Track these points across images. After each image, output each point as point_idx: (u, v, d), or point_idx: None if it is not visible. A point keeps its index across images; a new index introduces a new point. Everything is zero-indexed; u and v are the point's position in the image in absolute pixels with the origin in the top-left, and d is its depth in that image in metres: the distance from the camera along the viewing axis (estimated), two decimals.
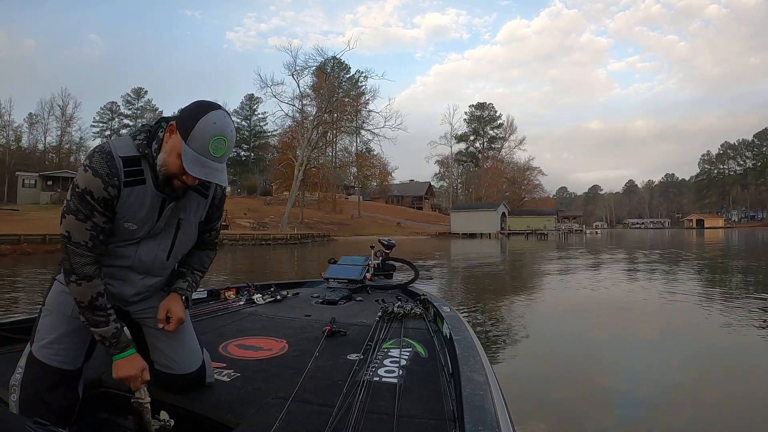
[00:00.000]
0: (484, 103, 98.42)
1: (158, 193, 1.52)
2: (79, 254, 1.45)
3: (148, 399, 1.49)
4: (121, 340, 1.50)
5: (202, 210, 1.68)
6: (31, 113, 67.36)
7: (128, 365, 1.49)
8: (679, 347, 5.07)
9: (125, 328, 1.94)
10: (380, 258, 4.37)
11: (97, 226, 1.45)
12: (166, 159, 1.45)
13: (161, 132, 1.50)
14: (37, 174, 46.77)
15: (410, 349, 2.10)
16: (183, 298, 1.68)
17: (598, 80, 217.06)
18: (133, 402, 1.48)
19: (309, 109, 52.13)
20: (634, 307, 7.74)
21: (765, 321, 6.10)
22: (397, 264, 4.46)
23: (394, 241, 4.62)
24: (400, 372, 1.80)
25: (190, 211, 1.64)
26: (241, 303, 3.27)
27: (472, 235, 54.09)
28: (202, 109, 1.43)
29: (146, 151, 1.48)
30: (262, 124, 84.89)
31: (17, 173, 46.85)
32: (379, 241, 4.54)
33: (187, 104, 1.50)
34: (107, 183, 1.42)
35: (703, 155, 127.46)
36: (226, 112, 1.47)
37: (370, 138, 61.25)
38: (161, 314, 1.62)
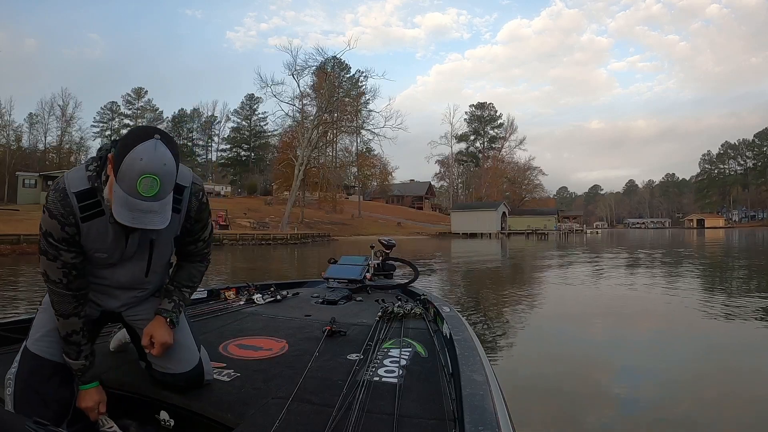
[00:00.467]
0: (484, 102, 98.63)
1: None
2: (57, 293, 1.48)
3: (111, 424, 1.53)
4: (86, 375, 1.53)
5: (176, 225, 1.59)
6: (31, 113, 67.77)
7: (86, 397, 1.52)
8: (682, 346, 5.07)
9: (123, 330, 1.95)
10: (380, 258, 4.37)
11: (67, 264, 1.46)
12: (108, 194, 1.37)
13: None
14: (38, 174, 46.75)
15: (410, 349, 2.09)
16: (167, 320, 1.63)
17: (599, 80, 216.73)
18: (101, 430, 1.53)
19: (309, 108, 52.15)
20: (636, 306, 7.73)
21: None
22: (397, 264, 4.47)
23: (394, 241, 4.61)
24: (400, 372, 1.80)
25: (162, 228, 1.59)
26: (241, 303, 3.27)
27: (473, 235, 54.05)
28: (131, 141, 1.29)
29: (96, 184, 1.42)
30: (262, 123, 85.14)
31: (17, 173, 46.84)
32: (379, 240, 4.54)
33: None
34: (63, 223, 1.40)
35: (703, 155, 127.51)
36: (163, 138, 1.32)
37: (371, 138, 61.32)
38: (145, 340, 1.59)
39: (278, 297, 3.45)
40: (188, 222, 1.62)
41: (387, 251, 4.42)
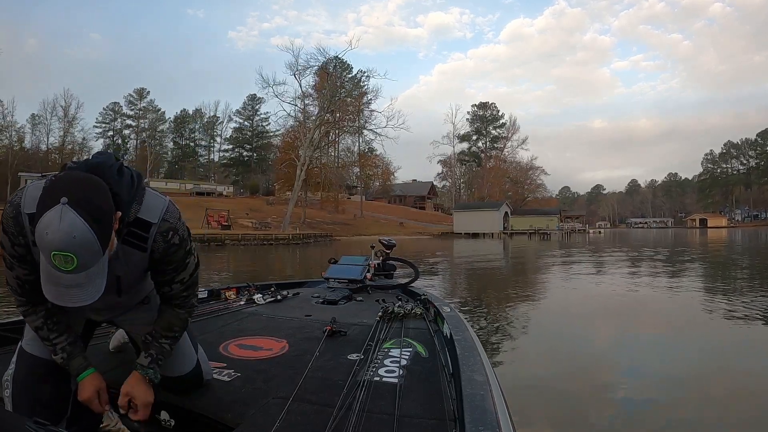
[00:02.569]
0: (486, 102, 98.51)
1: None
2: (14, 296, 1.45)
3: (115, 420, 1.44)
4: (72, 366, 1.46)
5: (143, 263, 1.45)
6: (33, 114, 68.26)
7: (82, 389, 1.45)
8: (685, 346, 5.05)
9: (120, 330, 1.95)
10: (381, 258, 4.37)
11: (20, 278, 1.39)
12: None
13: None
14: (40, 175, 46.56)
15: (410, 349, 2.09)
16: (147, 378, 1.50)
17: (602, 79, 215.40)
18: (101, 429, 1.44)
19: (311, 108, 52.22)
20: (638, 305, 7.72)
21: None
22: (397, 264, 4.47)
23: (394, 241, 4.62)
24: (401, 372, 1.80)
25: (129, 263, 1.43)
26: (242, 303, 3.27)
27: (475, 235, 54.06)
28: (40, 206, 1.12)
29: None
30: (264, 124, 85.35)
31: (20, 174, 47.15)
32: (380, 240, 4.54)
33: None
34: (13, 242, 1.32)
35: (706, 154, 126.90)
36: (72, 200, 1.10)
37: (373, 138, 61.43)
38: (122, 401, 1.46)
39: (278, 297, 3.45)
40: (152, 262, 1.45)
41: (387, 251, 4.43)
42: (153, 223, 1.39)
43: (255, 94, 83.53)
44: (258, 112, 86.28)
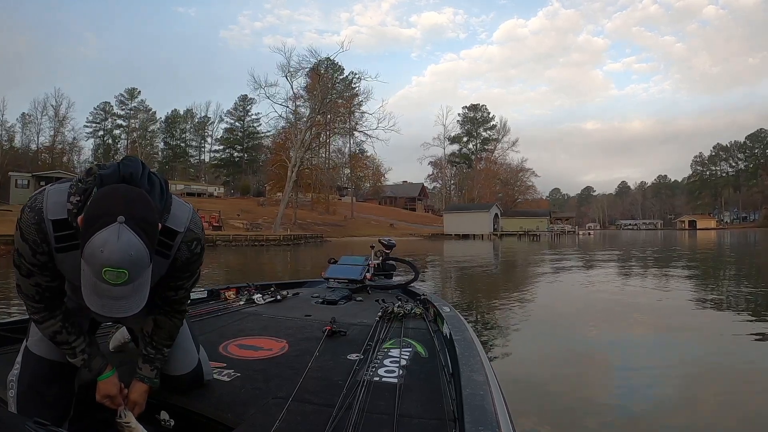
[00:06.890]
0: (477, 104, 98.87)
1: None
2: (28, 304, 1.43)
3: (129, 419, 1.46)
4: (93, 367, 1.47)
5: (162, 269, 1.45)
6: (24, 113, 67.77)
7: (102, 387, 1.48)
8: (679, 346, 5.08)
9: (123, 329, 1.95)
10: (380, 258, 4.38)
11: (40, 285, 1.38)
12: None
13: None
14: (30, 174, 46.66)
15: (410, 349, 2.11)
16: (151, 388, 1.56)
17: (596, 81, 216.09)
18: (117, 423, 1.46)
19: (302, 110, 52.14)
20: (632, 305, 7.75)
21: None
22: (396, 264, 4.48)
23: (394, 241, 4.63)
24: (400, 372, 1.81)
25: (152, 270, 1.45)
26: (241, 303, 3.28)
27: (465, 236, 54.13)
28: (92, 222, 1.12)
29: (74, 224, 1.27)
30: (255, 125, 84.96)
31: (10, 173, 46.74)
32: (380, 240, 4.56)
33: (98, 191, 1.21)
34: (35, 251, 1.31)
35: (695, 157, 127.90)
36: (129, 218, 1.13)
37: (364, 139, 61.35)
38: (118, 400, 1.50)
39: (278, 297, 3.46)
40: (172, 269, 1.47)
41: (387, 251, 4.44)
42: (179, 231, 1.42)
43: (246, 95, 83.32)
44: (249, 113, 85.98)
